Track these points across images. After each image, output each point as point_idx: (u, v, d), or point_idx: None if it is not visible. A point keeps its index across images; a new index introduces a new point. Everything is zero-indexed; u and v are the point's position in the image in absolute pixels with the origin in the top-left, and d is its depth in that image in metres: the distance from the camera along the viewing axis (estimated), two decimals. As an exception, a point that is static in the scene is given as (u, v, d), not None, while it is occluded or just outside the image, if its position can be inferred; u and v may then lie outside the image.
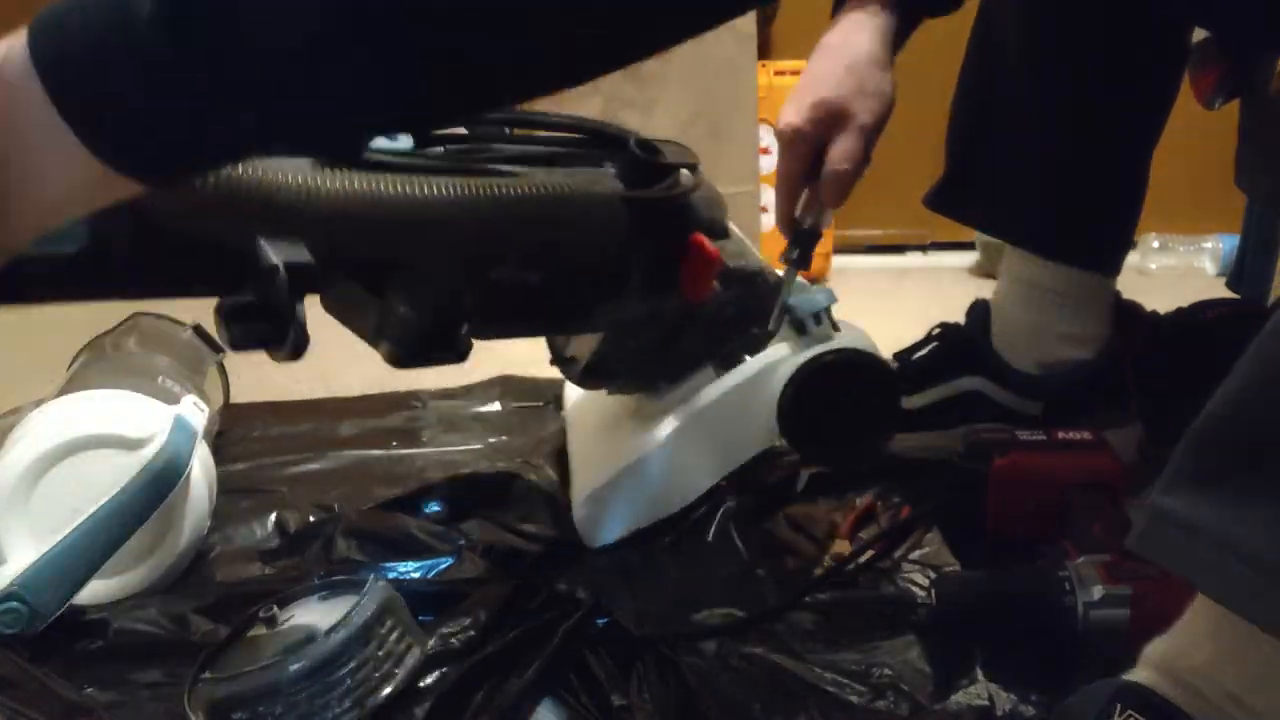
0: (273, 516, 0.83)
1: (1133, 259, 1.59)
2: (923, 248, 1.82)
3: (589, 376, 0.77)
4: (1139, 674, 0.48)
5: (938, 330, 0.97)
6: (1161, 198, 0.86)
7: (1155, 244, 1.75)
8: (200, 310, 0.96)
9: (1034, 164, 0.84)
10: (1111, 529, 0.67)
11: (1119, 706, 0.45)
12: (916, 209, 0.94)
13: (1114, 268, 0.87)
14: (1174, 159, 0.84)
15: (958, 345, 0.92)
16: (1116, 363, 0.86)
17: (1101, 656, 0.60)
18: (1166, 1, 0.74)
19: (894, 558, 0.76)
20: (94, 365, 0.87)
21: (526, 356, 1.34)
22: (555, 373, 0.81)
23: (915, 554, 0.77)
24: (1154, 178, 0.87)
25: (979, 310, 0.92)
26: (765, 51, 1.65)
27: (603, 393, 0.83)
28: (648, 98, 1.44)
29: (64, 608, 0.66)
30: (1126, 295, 0.91)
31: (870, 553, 0.76)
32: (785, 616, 0.69)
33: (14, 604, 0.64)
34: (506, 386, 1.11)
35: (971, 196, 0.90)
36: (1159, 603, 0.58)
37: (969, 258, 1.80)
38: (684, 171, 0.68)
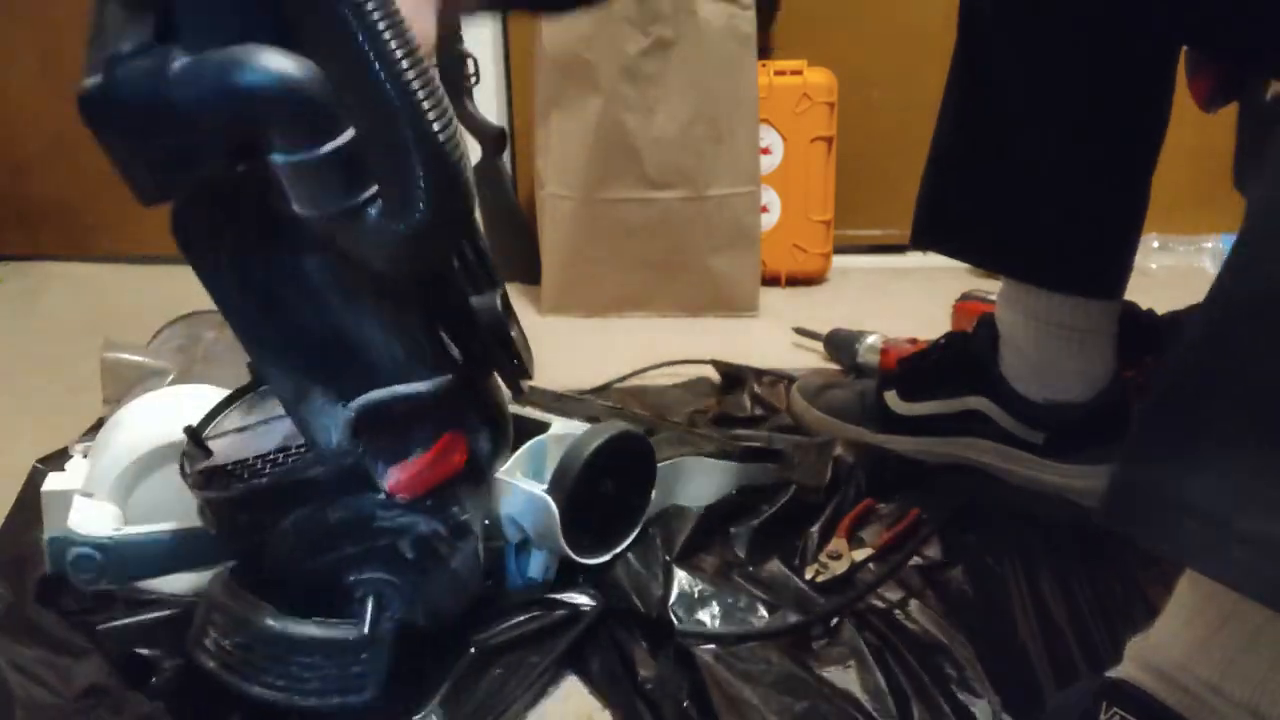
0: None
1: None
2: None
3: None
4: (1122, 670, 0.48)
5: (944, 340, 0.96)
6: (1161, 198, 0.85)
7: (1155, 244, 1.75)
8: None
9: (1030, 193, 0.82)
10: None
11: (1105, 704, 0.46)
12: (916, 209, 0.94)
13: (1118, 292, 0.85)
14: (1174, 159, 0.84)
15: (965, 362, 0.91)
16: (1122, 396, 0.86)
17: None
18: (1160, 27, 0.73)
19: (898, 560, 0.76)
20: (222, 342, 0.87)
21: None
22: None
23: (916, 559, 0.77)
24: (1154, 178, 0.86)
25: (987, 330, 0.90)
26: (765, 51, 1.65)
27: None
28: (648, 99, 1.44)
29: (126, 585, 0.67)
30: (1126, 295, 0.91)
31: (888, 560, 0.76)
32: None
33: (93, 552, 0.64)
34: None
35: (963, 230, 0.88)
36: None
37: (969, 257, 1.80)
38: None
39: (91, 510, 0.67)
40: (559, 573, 0.71)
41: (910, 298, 1.60)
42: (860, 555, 0.76)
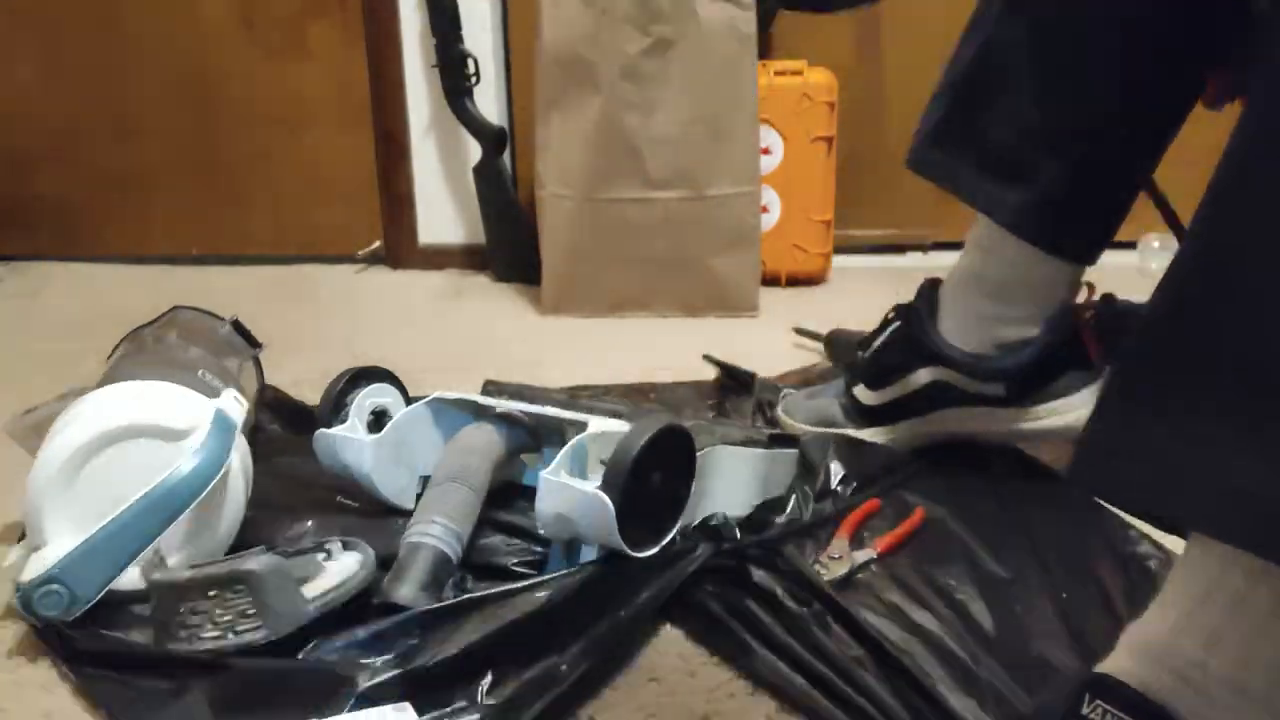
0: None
1: (1132, 259, 1.60)
2: (923, 248, 1.82)
3: None
4: (1109, 663, 0.49)
5: (893, 314, 0.96)
6: (1162, 198, 0.86)
7: (1155, 244, 1.75)
8: (239, 303, 0.96)
9: (1035, 147, 0.82)
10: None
11: (1087, 698, 0.46)
12: (916, 209, 0.94)
13: (1091, 259, 0.86)
14: (1175, 159, 0.84)
15: (908, 336, 0.92)
16: (1071, 330, 0.86)
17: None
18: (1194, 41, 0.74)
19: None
20: (135, 357, 0.88)
21: (531, 359, 1.34)
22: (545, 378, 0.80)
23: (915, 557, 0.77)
24: (1156, 178, 0.86)
25: (924, 299, 0.91)
26: (765, 51, 1.65)
27: None
28: (648, 98, 1.44)
29: (101, 593, 0.67)
30: (1126, 295, 0.90)
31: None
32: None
33: (55, 587, 0.66)
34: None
35: (959, 161, 0.87)
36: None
37: (969, 258, 1.79)
38: None
39: (36, 558, 0.69)
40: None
41: (910, 298, 1.60)
42: (862, 556, 0.76)
